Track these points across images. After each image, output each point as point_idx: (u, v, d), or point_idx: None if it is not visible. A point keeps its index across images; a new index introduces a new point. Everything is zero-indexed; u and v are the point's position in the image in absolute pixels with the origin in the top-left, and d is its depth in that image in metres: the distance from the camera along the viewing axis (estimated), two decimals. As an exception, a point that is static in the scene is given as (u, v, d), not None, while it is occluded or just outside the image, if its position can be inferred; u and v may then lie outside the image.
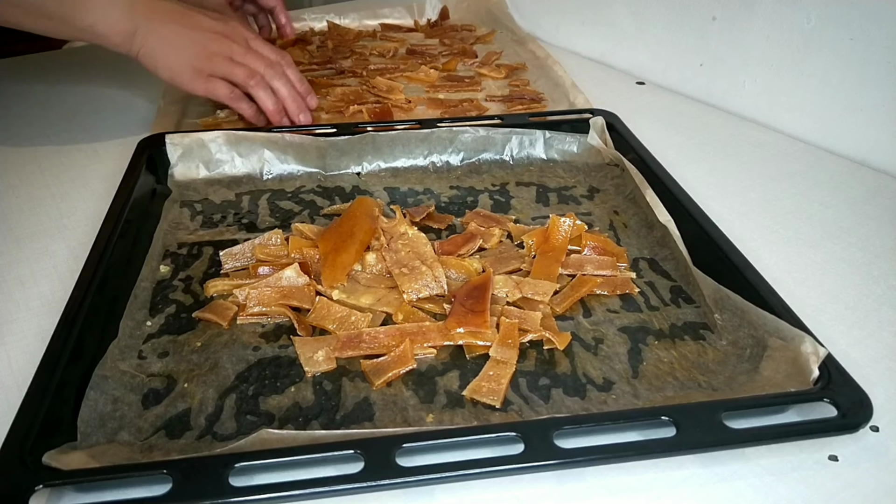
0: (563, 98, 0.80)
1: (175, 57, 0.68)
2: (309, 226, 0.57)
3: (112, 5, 0.65)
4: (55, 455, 0.36)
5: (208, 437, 0.40)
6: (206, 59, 0.69)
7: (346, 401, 0.42)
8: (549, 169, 0.68)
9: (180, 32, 0.68)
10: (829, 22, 0.70)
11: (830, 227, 0.61)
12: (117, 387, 0.43)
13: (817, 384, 0.40)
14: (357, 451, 0.36)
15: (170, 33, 0.68)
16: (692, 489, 0.38)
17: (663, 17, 0.87)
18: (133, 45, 0.67)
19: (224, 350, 0.46)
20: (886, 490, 0.38)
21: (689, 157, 0.72)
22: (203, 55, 0.69)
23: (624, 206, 0.62)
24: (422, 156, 0.68)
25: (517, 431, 0.37)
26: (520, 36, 1.01)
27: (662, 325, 0.48)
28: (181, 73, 0.69)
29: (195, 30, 0.69)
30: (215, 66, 0.69)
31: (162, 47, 0.68)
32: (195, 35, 0.69)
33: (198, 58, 0.69)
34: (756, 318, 0.45)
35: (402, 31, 1.06)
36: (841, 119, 0.72)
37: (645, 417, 0.39)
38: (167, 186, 0.64)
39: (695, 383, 0.44)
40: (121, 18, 0.65)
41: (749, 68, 0.79)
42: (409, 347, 0.45)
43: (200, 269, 0.54)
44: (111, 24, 0.65)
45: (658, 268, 0.54)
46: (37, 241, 0.59)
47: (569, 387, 0.43)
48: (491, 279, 0.50)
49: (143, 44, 0.67)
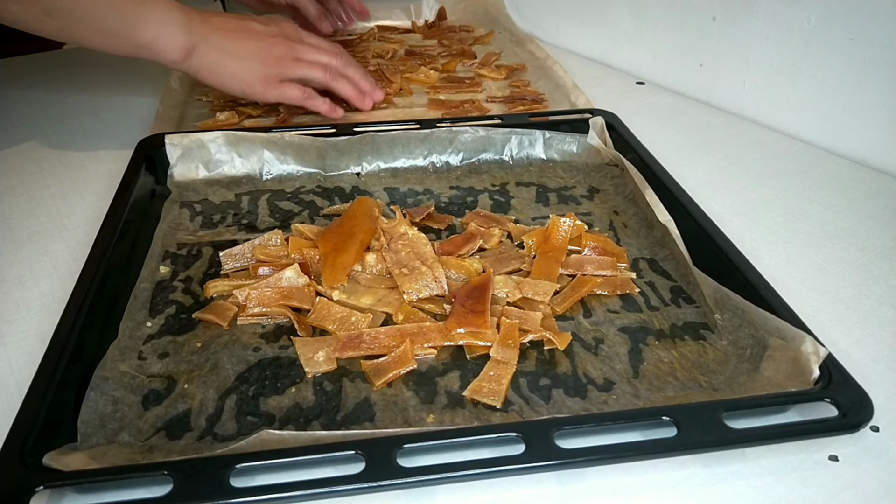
0: (563, 98, 0.80)
1: (242, 68, 0.68)
2: (309, 226, 0.57)
3: (171, 22, 0.65)
4: (55, 456, 0.36)
5: (209, 437, 0.40)
6: (275, 65, 0.69)
7: (346, 401, 0.42)
8: (549, 169, 0.68)
9: (241, 43, 0.69)
10: (829, 22, 0.70)
11: (830, 227, 0.61)
12: (117, 387, 0.43)
13: (818, 384, 0.40)
14: (358, 452, 0.36)
15: (231, 45, 0.68)
16: (692, 489, 0.38)
17: (663, 17, 0.87)
18: (192, 60, 0.67)
19: (224, 351, 0.46)
20: (887, 490, 0.38)
21: (688, 157, 0.72)
22: (270, 61, 0.69)
23: (624, 206, 0.62)
24: (421, 156, 0.68)
25: (518, 432, 0.37)
26: (518, 36, 1.01)
27: (663, 325, 0.48)
28: (252, 83, 0.69)
29: (254, 38, 0.69)
30: (285, 69, 0.70)
31: (226, 61, 0.68)
32: (256, 43, 0.69)
33: (265, 65, 0.69)
34: (756, 318, 0.45)
35: (400, 32, 1.06)
36: (841, 119, 0.72)
37: (645, 418, 0.39)
38: (167, 187, 0.64)
39: (695, 383, 0.44)
40: (180, 34, 0.65)
41: (749, 68, 0.79)
42: (410, 348, 0.45)
43: (200, 269, 0.54)
44: (170, 40, 0.65)
45: (658, 268, 0.54)
46: (37, 242, 0.59)
47: (569, 387, 0.43)
48: (491, 279, 0.50)
49: (204, 60, 0.67)
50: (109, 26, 0.63)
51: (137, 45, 0.65)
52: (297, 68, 0.70)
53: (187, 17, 0.66)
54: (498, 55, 0.94)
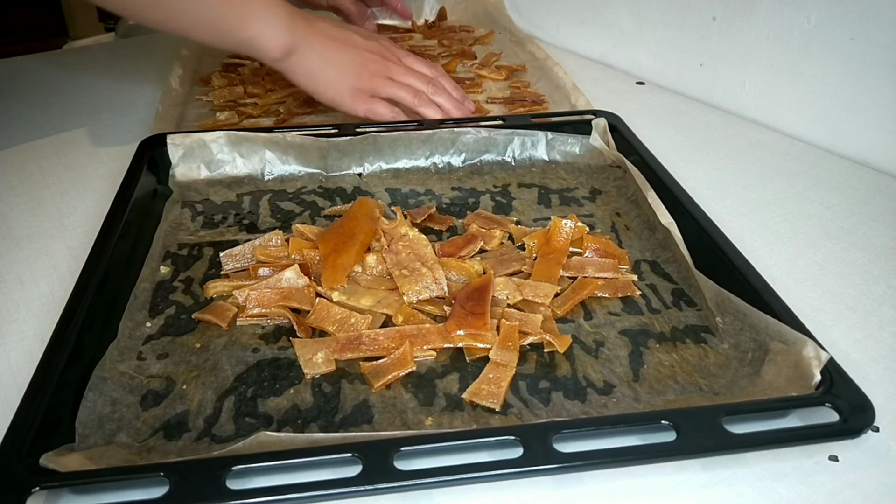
0: (564, 100, 0.80)
1: (336, 78, 0.69)
2: (309, 227, 0.57)
3: (275, 20, 0.66)
4: (53, 457, 0.36)
5: (206, 438, 0.40)
6: (368, 80, 0.70)
7: (344, 403, 0.42)
8: (552, 170, 0.68)
9: (340, 52, 0.69)
10: (829, 22, 0.70)
11: (830, 227, 0.60)
12: (116, 388, 0.43)
13: (819, 389, 0.40)
14: (355, 455, 0.36)
15: (330, 52, 0.69)
16: (691, 490, 0.38)
17: (663, 17, 0.87)
18: (290, 61, 0.67)
19: (223, 351, 0.46)
20: (887, 490, 0.38)
21: (688, 157, 0.72)
22: (365, 76, 0.70)
23: (626, 207, 0.61)
24: (423, 157, 0.68)
25: (516, 435, 0.37)
26: (518, 37, 1.01)
27: (664, 327, 0.48)
28: (343, 94, 0.69)
29: (352, 49, 0.70)
30: (377, 86, 0.70)
31: (322, 67, 0.68)
32: (354, 55, 0.70)
33: (359, 78, 0.69)
34: (758, 322, 0.45)
35: (400, 31, 1.06)
36: (841, 119, 0.72)
37: (644, 421, 0.39)
38: (168, 187, 0.63)
39: (696, 387, 0.43)
40: (282, 33, 0.66)
41: (749, 68, 0.79)
42: (409, 350, 0.45)
43: (201, 269, 0.54)
44: (272, 38, 0.66)
45: (660, 270, 0.54)
46: (37, 242, 0.59)
47: (569, 390, 0.43)
48: (491, 281, 0.50)
49: (302, 63, 0.68)
50: (215, 19, 0.65)
51: (240, 40, 0.66)
52: (388, 87, 0.71)
53: (291, 18, 0.67)
54: (498, 56, 0.94)
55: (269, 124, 0.75)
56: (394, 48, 0.74)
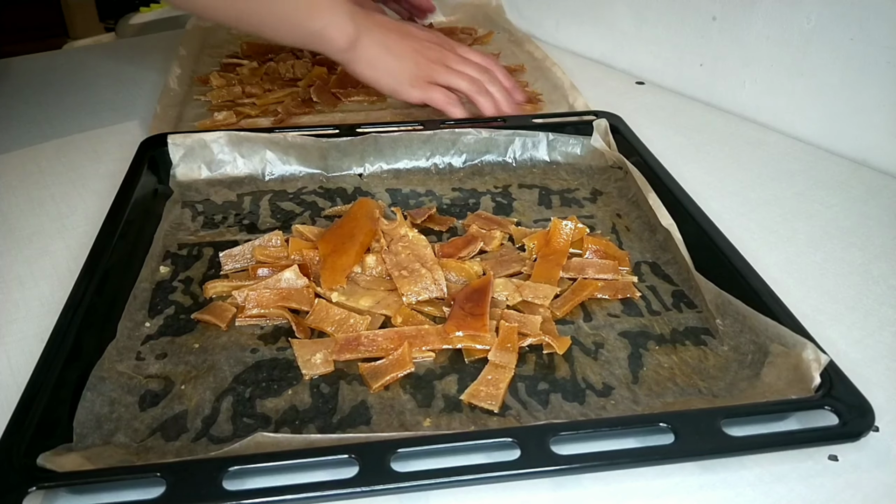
0: (561, 100, 0.80)
1: (396, 66, 0.71)
2: (309, 227, 0.57)
3: (341, 12, 0.68)
4: (50, 457, 0.36)
5: (204, 439, 0.40)
6: (426, 68, 0.72)
7: (343, 404, 0.42)
8: (552, 171, 0.68)
9: (399, 41, 0.72)
10: (829, 22, 0.70)
11: (830, 227, 0.60)
12: (114, 388, 0.43)
13: (819, 391, 0.40)
14: (352, 456, 0.36)
15: (390, 41, 0.71)
16: (690, 491, 0.38)
17: (663, 17, 0.87)
18: (355, 51, 0.70)
19: (222, 352, 0.46)
20: (887, 490, 0.38)
21: (688, 157, 0.71)
22: (423, 64, 0.72)
23: (627, 209, 0.61)
24: (424, 157, 0.67)
25: (513, 437, 0.37)
26: (517, 37, 1.01)
27: (664, 329, 0.48)
28: (402, 81, 0.71)
29: (410, 38, 0.73)
30: (434, 74, 0.72)
31: (383, 56, 0.71)
32: (412, 43, 0.72)
33: (418, 66, 0.72)
34: (758, 324, 0.45)
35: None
36: (841, 119, 0.72)
37: (643, 424, 0.39)
38: (168, 187, 0.63)
39: (695, 389, 0.43)
40: (348, 24, 0.68)
41: (749, 68, 0.79)
42: (408, 351, 0.45)
43: (200, 270, 0.54)
44: (340, 28, 0.68)
45: (660, 272, 0.54)
46: (37, 242, 0.59)
47: (568, 392, 0.43)
48: (491, 282, 0.50)
49: (365, 52, 0.70)
50: (286, 13, 0.68)
51: (309, 32, 0.69)
52: (446, 74, 0.72)
53: (353, 10, 0.69)
54: (497, 56, 0.94)
55: (267, 124, 0.75)
56: (449, 41, 0.77)
